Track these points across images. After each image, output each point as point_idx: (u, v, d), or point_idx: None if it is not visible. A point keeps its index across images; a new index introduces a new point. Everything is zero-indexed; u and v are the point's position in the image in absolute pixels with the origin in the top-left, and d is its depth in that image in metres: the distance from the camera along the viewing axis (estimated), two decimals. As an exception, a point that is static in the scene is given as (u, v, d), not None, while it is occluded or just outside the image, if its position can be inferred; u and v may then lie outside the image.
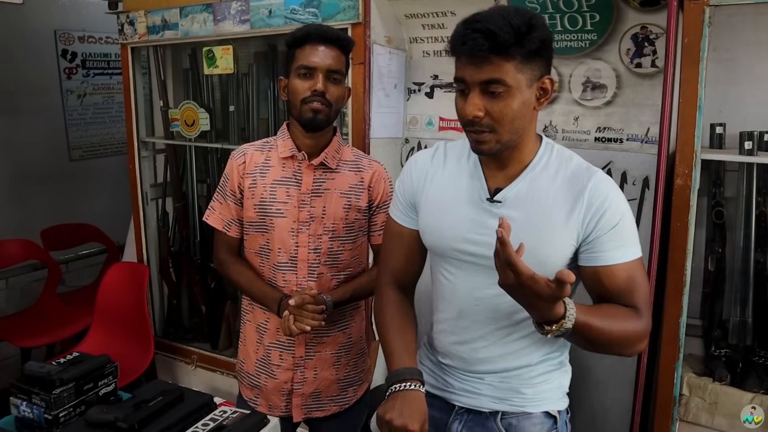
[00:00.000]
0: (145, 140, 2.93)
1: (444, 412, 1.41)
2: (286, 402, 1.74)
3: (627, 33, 2.05)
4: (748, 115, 1.96)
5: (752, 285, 1.94)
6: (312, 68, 1.57)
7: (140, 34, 2.71)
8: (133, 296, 2.84)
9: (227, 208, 1.72)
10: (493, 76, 1.14)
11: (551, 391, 1.36)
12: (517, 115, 1.18)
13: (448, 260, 1.35)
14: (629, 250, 1.22)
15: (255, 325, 1.75)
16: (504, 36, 1.11)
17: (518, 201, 1.26)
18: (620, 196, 1.24)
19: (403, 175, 1.44)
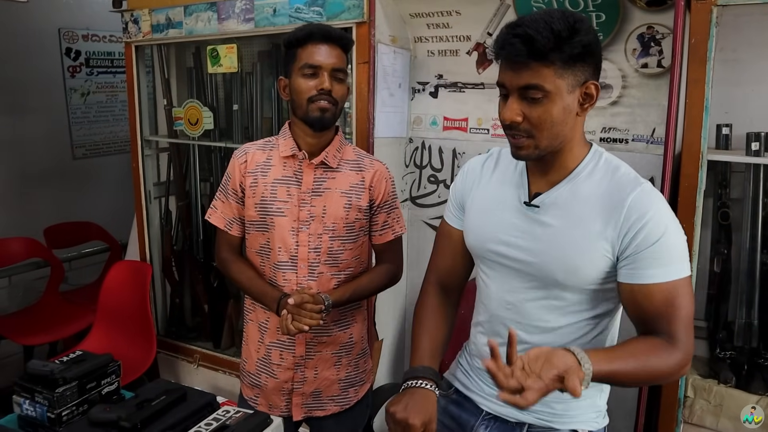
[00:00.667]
0: (148, 139, 2.93)
1: (472, 415, 1.40)
2: (286, 401, 1.74)
3: (633, 33, 2.05)
4: (754, 116, 1.96)
5: (758, 287, 1.93)
6: (317, 67, 1.57)
7: (144, 33, 2.71)
8: (136, 295, 2.84)
9: (229, 207, 1.72)
10: (532, 82, 1.13)
11: (582, 409, 1.32)
12: (556, 121, 1.16)
13: (485, 261, 1.36)
14: (670, 269, 1.15)
15: (257, 324, 1.75)
16: (542, 41, 1.10)
17: (556, 207, 1.24)
18: (665, 211, 1.18)
19: (457, 177, 1.46)
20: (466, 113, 2.43)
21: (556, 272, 1.22)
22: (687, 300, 1.16)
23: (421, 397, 1.24)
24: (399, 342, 2.64)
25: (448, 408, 1.45)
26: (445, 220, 1.47)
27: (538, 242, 1.24)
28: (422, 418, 1.20)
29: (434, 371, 1.30)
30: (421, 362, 1.32)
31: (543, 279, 1.25)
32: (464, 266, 1.45)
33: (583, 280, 1.21)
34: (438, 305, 1.43)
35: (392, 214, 1.76)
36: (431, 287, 1.46)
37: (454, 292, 1.47)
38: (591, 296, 1.24)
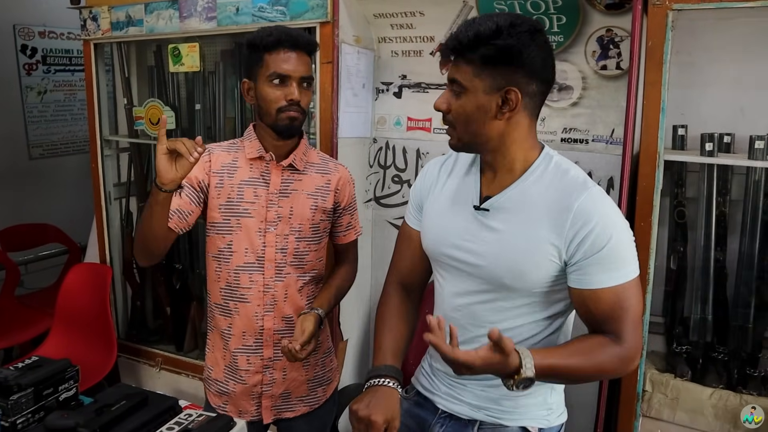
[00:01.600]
0: (108, 138, 2.87)
1: (430, 414, 1.42)
2: (256, 405, 1.72)
3: (593, 35, 2.09)
4: (708, 118, 2.01)
5: (712, 283, 1.99)
6: (286, 76, 1.55)
7: (103, 30, 2.66)
8: (96, 298, 2.78)
9: (176, 197, 1.62)
10: (453, 76, 1.21)
11: (532, 407, 1.34)
12: (470, 118, 1.20)
13: (439, 264, 1.38)
14: (618, 273, 1.18)
15: (219, 331, 1.73)
16: (461, 39, 1.16)
17: (505, 211, 1.26)
18: (612, 215, 1.19)
19: (416, 179, 1.48)
20: (430, 113, 2.44)
21: (503, 276, 1.24)
22: (635, 300, 1.19)
23: (384, 395, 1.25)
24: (364, 342, 2.64)
25: (411, 409, 1.47)
26: (406, 221, 1.48)
27: (487, 246, 1.26)
28: (384, 415, 1.21)
29: (397, 369, 1.31)
30: (384, 361, 1.32)
31: (491, 282, 1.27)
32: (424, 267, 1.46)
33: (530, 284, 1.24)
34: (400, 305, 1.44)
35: (354, 215, 1.81)
36: (393, 288, 1.47)
37: (416, 292, 1.49)
38: (540, 299, 1.27)
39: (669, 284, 2.09)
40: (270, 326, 1.67)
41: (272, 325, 1.67)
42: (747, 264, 1.93)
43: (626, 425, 1.97)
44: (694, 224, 2.02)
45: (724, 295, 2.01)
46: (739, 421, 1.88)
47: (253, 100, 1.63)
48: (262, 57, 1.56)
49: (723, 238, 2.00)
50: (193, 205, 1.63)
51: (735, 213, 2.00)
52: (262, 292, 1.65)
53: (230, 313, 1.68)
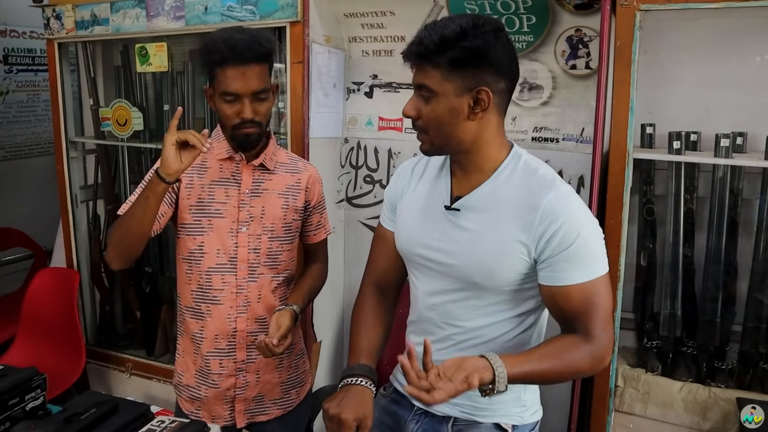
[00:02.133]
0: (74, 140, 2.81)
1: (406, 411, 1.43)
2: (229, 410, 1.70)
3: (562, 35, 2.11)
4: (675, 116, 2.05)
5: (681, 279, 2.02)
6: (236, 94, 1.52)
7: (68, 29, 2.60)
8: (63, 303, 2.72)
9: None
10: (421, 81, 1.20)
11: (505, 404, 1.34)
12: (443, 121, 1.20)
13: (413, 264, 1.39)
14: (587, 270, 1.19)
15: (190, 335, 1.70)
16: (427, 44, 1.15)
17: (475, 210, 1.27)
18: (580, 213, 1.21)
19: (390, 180, 1.48)
20: (401, 113, 2.43)
21: (474, 275, 1.25)
22: (604, 297, 1.21)
23: (356, 394, 1.25)
24: (338, 343, 2.63)
25: (388, 406, 1.48)
26: (381, 222, 1.49)
27: (458, 245, 1.27)
28: (355, 413, 1.21)
29: (371, 369, 1.31)
30: (358, 360, 1.32)
31: (463, 281, 1.28)
32: (400, 268, 1.46)
33: (501, 282, 1.25)
34: (375, 305, 1.44)
35: (324, 215, 1.80)
36: (368, 288, 1.47)
37: (391, 293, 1.49)
38: (511, 296, 1.28)
39: (639, 280, 2.12)
40: (243, 328, 1.65)
41: (245, 327, 1.65)
42: (714, 259, 1.97)
43: (599, 420, 2.00)
44: (663, 221, 2.06)
45: (692, 290, 2.04)
46: (708, 413, 1.92)
47: (215, 109, 1.61)
48: (215, 71, 1.53)
49: (690, 235, 2.04)
50: (166, 207, 1.60)
51: (702, 210, 2.04)
52: (235, 293, 1.64)
53: (202, 316, 1.65)
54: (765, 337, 1.95)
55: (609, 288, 1.23)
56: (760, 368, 1.95)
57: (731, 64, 2.01)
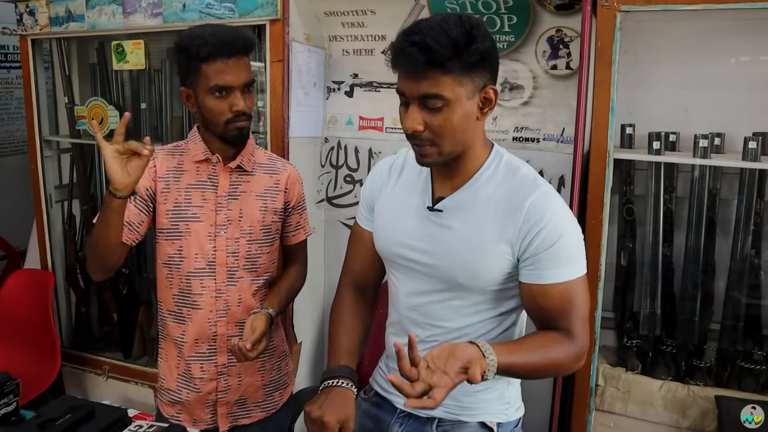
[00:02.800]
0: (48, 139, 2.76)
1: (389, 414, 1.41)
2: (211, 414, 1.68)
3: (543, 35, 2.11)
4: (654, 117, 2.07)
5: (660, 278, 2.04)
6: (228, 87, 1.49)
7: (42, 25, 2.55)
8: (37, 305, 2.67)
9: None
10: (431, 91, 1.13)
11: (490, 402, 1.34)
12: (458, 128, 1.16)
13: (393, 265, 1.37)
14: (566, 270, 1.19)
15: (172, 339, 1.67)
16: (440, 50, 1.09)
17: (458, 211, 1.26)
18: (562, 213, 1.21)
19: (366, 179, 1.45)
20: (382, 113, 2.43)
21: (458, 275, 1.25)
22: (583, 297, 1.21)
23: (338, 396, 1.23)
24: (318, 345, 2.62)
25: (369, 410, 1.46)
26: (357, 221, 1.47)
27: (441, 246, 1.26)
28: (338, 416, 1.19)
29: (351, 370, 1.30)
30: (338, 362, 1.31)
31: (446, 281, 1.27)
32: (378, 267, 1.45)
33: (485, 282, 1.24)
34: (353, 305, 1.43)
35: (303, 215, 1.77)
36: (346, 289, 1.46)
37: (369, 293, 1.48)
38: (494, 296, 1.27)
39: (619, 280, 2.14)
40: (223, 332, 1.63)
41: (225, 331, 1.63)
42: (693, 259, 1.99)
43: (580, 419, 2.01)
44: (643, 221, 2.08)
45: (671, 289, 2.06)
46: (687, 411, 1.94)
47: (195, 109, 1.56)
48: (199, 67, 1.48)
49: (670, 235, 2.06)
50: (143, 215, 1.58)
51: (681, 210, 2.06)
52: (214, 297, 1.61)
53: (183, 320, 1.63)
54: (742, 336, 1.98)
55: (587, 289, 1.24)
56: (738, 366, 1.98)
57: (709, 65, 2.04)
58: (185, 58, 1.50)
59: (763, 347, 1.98)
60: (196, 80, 1.50)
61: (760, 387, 1.94)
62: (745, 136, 1.84)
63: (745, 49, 2.01)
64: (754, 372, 1.95)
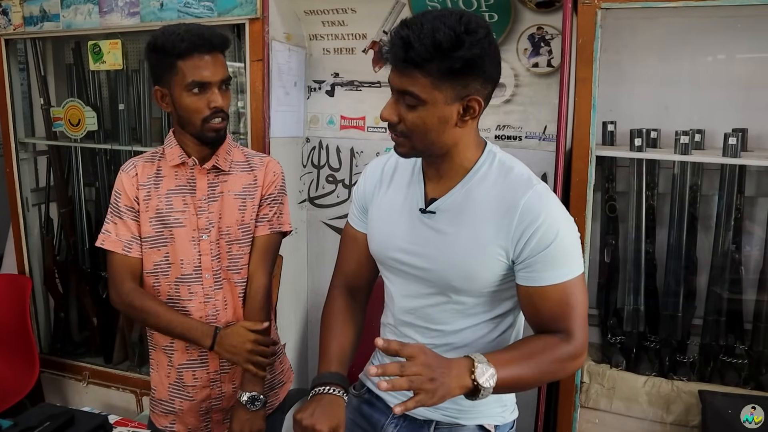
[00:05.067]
0: (24, 141, 2.71)
1: (382, 414, 1.40)
2: (205, 421, 1.65)
3: (524, 33, 2.11)
4: (635, 114, 2.08)
5: (643, 274, 2.05)
6: (206, 83, 1.47)
7: (15, 25, 2.50)
8: (14, 311, 2.62)
9: (125, 226, 1.57)
10: (407, 88, 1.11)
11: (488, 404, 1.32)
12: (430, 129, 1.14)
13: (387, 268, 1.35)
14: (564, 270, 1.16)
15: (161, 348, 1.64)
16: (419, 50, 1.06)
17: (451, 213, 1.23)
18: (557, 212, 1.18)
19: (359, 180, 1.43)
20: (363, 112, 2.42)
21: (453, 278, 1.22)
22: (581, 297, 1.19)
23: (329, 403, 1.21)
24: (302, 346, 2.60)
25: (361, 408, 1.44)
26: (350, 222, 1.44)
27: (435, 249, 1.24)
28: (329, 424, 1.17)
29: (342, 377, 1.27)
30: (329, 368, 1.29)
31: (440, 285, 1.25)
32: (370, 269, 1.43)
33: (480, 285, 1.22)
34: (345, 309, 1.40)
35: (276, 209, 1.67)
36: (338, 291, 1.43)
37: (362, 294, 1.45)
38: (490, 298, 1.25)
39: (602, 276, 2.14)
40: None
41: None
42: (675, 255, 2.00)
43: (566, 416, 2.01)
44: (625, 217, 2.08)
45: (654, 285, 2.07)
46: (671, 406, 1.95)
47: (170, 108, 1.53)
48: (175, 64, 1.45)
49: (652, 231, 2.07)
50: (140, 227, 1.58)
51: (662, 206, 2.07)
52: (203, 303, 1.59)
53: None
54: (724, 331, 1.99)
55: (585, 288, 1.21)
56: (721, 360, 1.99)
57: (689, 63, 2.05)
58: (160, 56, 1.47)
59: (744, 341, 1.99)
60: (171, 78, 1.47)
61: (743, 381, 1.95)
62: (725, 132, 1.85)
63: (725, 47, 2.03)
64: (737, 366, 1.97)
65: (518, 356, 1.14)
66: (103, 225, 1.61)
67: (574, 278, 1.18)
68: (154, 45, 1.47)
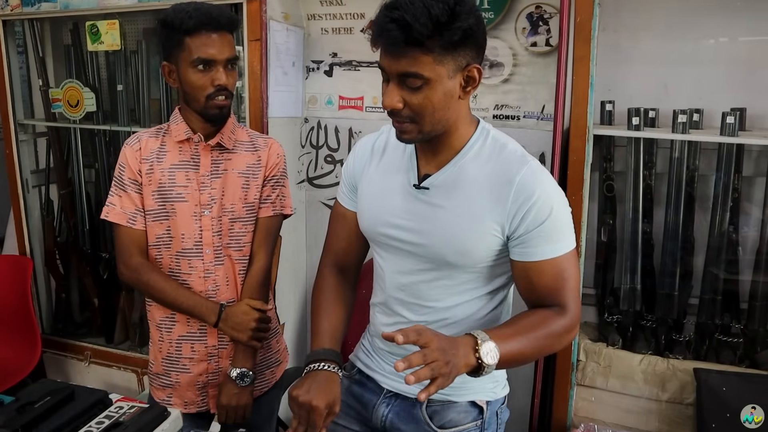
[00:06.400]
0: (23, 123, 2.71)
1: (374, 394, 1.40)
2: (201, 396, 1.67)
3: (522, 12, 2.10)
4: (634, 94, 2.07)
5: (640, 254, 2.06)
6: (211, 61, 1.48)
7: (12, 6, 2.49)
8: (15, 292, 2.63)
9: (129, 199, 1.59)
10: (410, 70, 1.10)
11: (479, 381, 1.29)
12: (438, 107, 1.14)
13: (379, 244, 1.35)
14: (559, 245, 1.18)
15: (155, 323, 1.67)
16: (420, 28, 1.05)
17: (445, 188, 1.24)
18: (551, 188, 1.19)
19: (348, 158, 1.42)
20: (362, 92, 2.42)
21: (447, 254, 1.23)
22: (574, 271, 1.21)
23: (324, 379, 1.22)
24: (300, 325, 2.61)
25: (352, 388, 1.45)
26: (339, 201, 1.44)
27: (428, 224, 1.24)
28: (326, 399, 1.19)
29: (336, 353, 1.29)
30: (322, 345, 1.30)
31: (434, 260, 1.26)
32: (360, 246, 1.43)
33: (474, 260, 1.23)
34: (336, 286, 1.41)
35: (278, 191, 1.69)
36: (328, 269, 1.44)
37: (351, 272, 1.46)
38: (483, 274, 1.26)
39: (599, 256, 2.15)
40: None
41: None
42: (672, 235, 2.01)
43: (562, 394, 2.03)
44: (623, 197, 2.09)
45: (651, 265, 2.08)
46: (667, 384, 1.97)
47: (177, 84, 1.55)
48: (183, 41, 1.48)
49: (649, 211, 2.07)
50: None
51: (660, 186, 2.07)
52: (203, 278, 1.60)
53: None
54: (720, 310, 2.01)
55: (577, 262, 1.23)
56: (716, 339, 2.01)
57: (688, 42, 2.05)
58: (169, 32, 1.50)
59: (740, 320, 2.01)
60: (179, 54, 1.50)
61: (738, 359, 1.97)
62: (723, 111, 1.85)
63: (725, 26, 2.02)
64: (732, 345, 1.99)
65: (517, 331, 1.15)
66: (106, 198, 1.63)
67: (568, 252, 1.19)
68: (164, 21, 1.50)
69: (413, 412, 1.35)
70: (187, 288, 1.60)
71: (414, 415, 1.35)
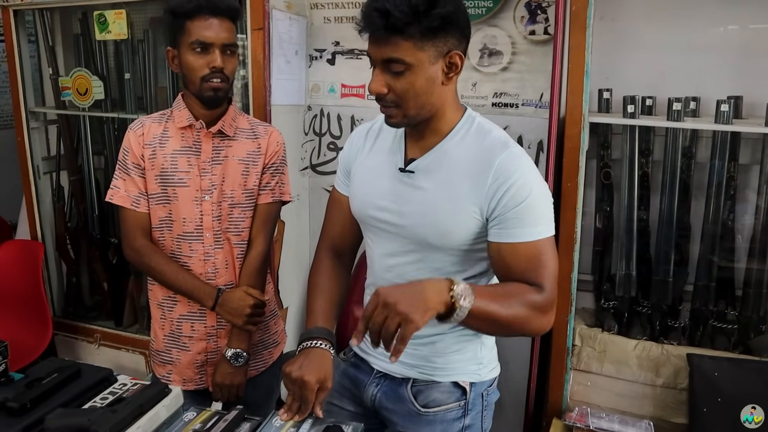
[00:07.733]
0: (34, 110, 2.77)
1: (366, 374, 1.45)
2: (200, 374, 1.72)
3: (521, 1, 2.12)
4: (631, 82, 2.08)
5: (636, 240, 2.08)
6: (208, 44, 1.53)
7: (23, -4, 2.54)
8: (28, 276, 2.70)
9: (132, 182, 1.65)
10: (392, 56, 1.14)
11: (463, 362, 1.37)
12: (420, 92, 1.18)
13: (367, 227, 1.39)
14: (535, 229, 1.20)
15: (156, 303, 1.72)
16: (398, 15, 1.10)
17: (429, 172, 1.27)
18: (531, 173, 1.22)
19: (344, 145, 1.47)
20: (364, 80, 2.44)
21: (429, 235, 1.27)
22: (551, 257, 1.22)
23: (316, 356, 1.27)
24: (304, 310, 2.65)
25: (348, 370, 1.50)
26: (335, 187, 1.49)
27: (411, 206, 1.28)
28: (317, 375, 1.23)
29: (329, 331, 1.33)
30: (316, 323, 1.34)
31: (417, 242, 1.29)
32: (355, 232, 1.47)
33: (455, 242, 1.26)
34: (331, 268, 1.45)
35: (277, 178, 1.73)
36: (324, 253, 1.48)
37: (347, 256, 1.51)
38: (465, 257, 1.29)
39: (597, 243, 2.17)
40: None
41: None
42: (668, 222, 2.03)
43: (558, 378, 2.06)
44: (620, 185, 2.10)
45: (647, 251, 2.10)
46: (661, 369, 1.99)
47: (178, 69, 1.60)
48: (184, 24, 1.54)
49: (646, 198, 2.09)
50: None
51: (657, 173, 2.09)
52: (203, 261, 1.65)
53: None
54: (715, 296, 2.03)
55: (555, 251, 1.24)
56: (710, 325, 2.03)
57: (686, 30, 2.05)
58: (172, 17, 1.56)
59: (735, 307, 2.02)
60: (180, 38, 1.55)
61: (732, 345, 1.99)
62: (718, 99, 1.86)
63: (723, 14, 2.02)
64: (726, 331, 2.01)
65: (494, 292, 1.18)
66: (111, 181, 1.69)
67: (545, 238, 1.21)
68: (169, 7, 1.56)
69: (399, 392, 1.39)
70: (188, 270, 1.65)
71: (400, 395, 1.39)
